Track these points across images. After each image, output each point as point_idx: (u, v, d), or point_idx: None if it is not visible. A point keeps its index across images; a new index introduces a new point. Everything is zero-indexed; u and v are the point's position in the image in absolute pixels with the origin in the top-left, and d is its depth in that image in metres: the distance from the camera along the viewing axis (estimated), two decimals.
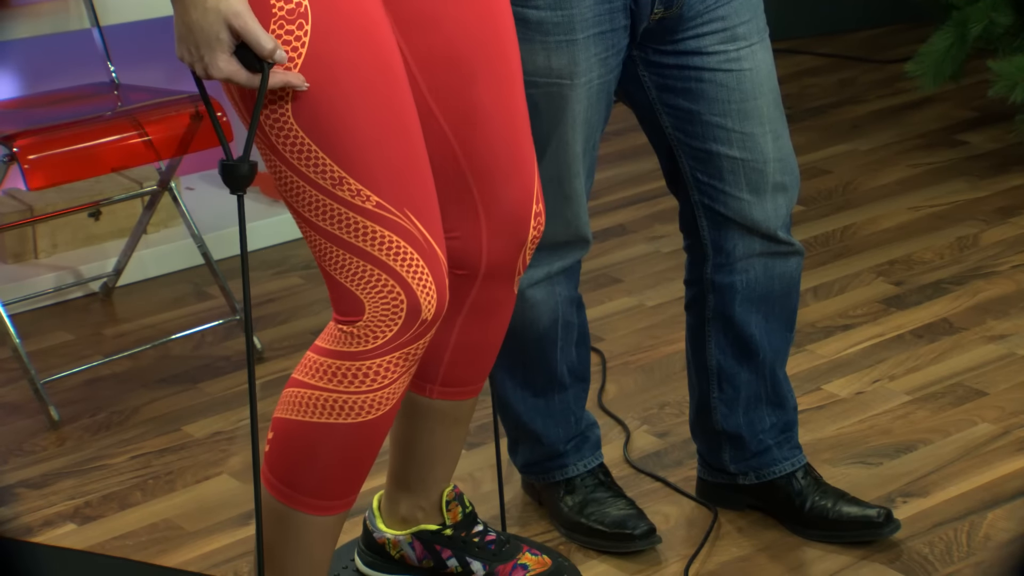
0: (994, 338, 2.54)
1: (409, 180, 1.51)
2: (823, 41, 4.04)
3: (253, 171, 1.47)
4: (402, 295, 1.51)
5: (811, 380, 2.43)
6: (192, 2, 1.42)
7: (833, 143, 3.42)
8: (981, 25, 3.15)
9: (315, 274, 2.87)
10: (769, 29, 1.87)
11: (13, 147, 2.33)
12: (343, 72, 1.46)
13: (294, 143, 1.48)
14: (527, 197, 1.65)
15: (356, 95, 1.47)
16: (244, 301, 1.52)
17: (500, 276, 1.67)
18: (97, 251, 2.87)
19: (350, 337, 1.53)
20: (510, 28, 1.61)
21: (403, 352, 1.54)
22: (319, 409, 1.55)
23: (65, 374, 2.50)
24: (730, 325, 1.96)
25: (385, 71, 1.49)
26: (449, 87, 1.58)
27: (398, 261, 1.50)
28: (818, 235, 2.96)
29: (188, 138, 2.45)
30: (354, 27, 1.47)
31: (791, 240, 1.94)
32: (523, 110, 1.63)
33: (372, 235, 1.50)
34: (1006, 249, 2.87)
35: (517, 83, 1.62)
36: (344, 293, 1.53)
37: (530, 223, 1.66)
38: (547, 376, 2.00)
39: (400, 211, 1.50)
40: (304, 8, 1.45)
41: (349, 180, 1.48)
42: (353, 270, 1.51)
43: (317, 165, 1.48)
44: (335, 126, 1.47)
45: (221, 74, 1.44)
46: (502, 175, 1.62)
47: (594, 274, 2.81)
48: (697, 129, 1.85)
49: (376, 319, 1.52)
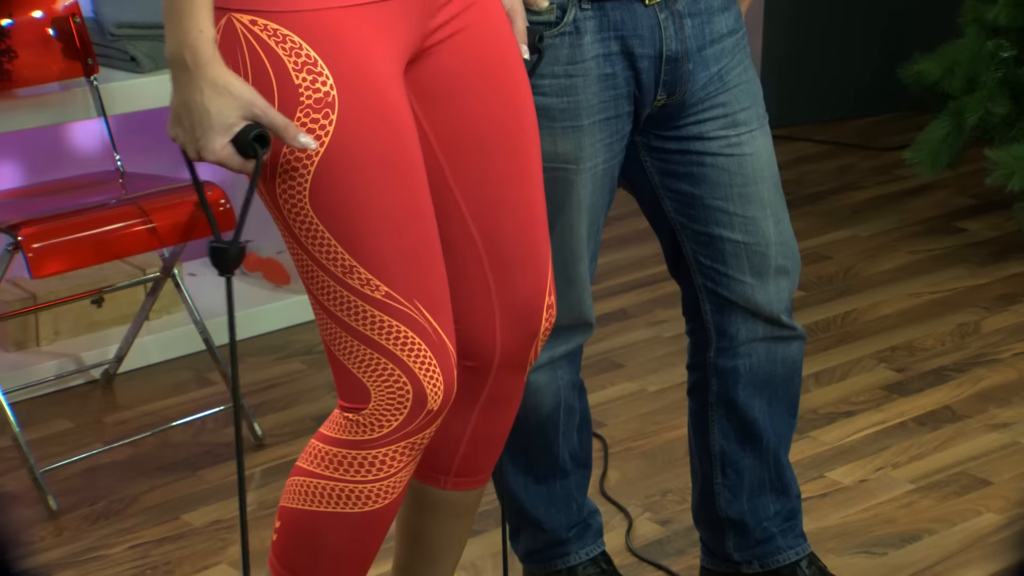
0: (997, 427, 2.53)
1: (421, 271, 1.51)
2: (821, 128, 4.08)
3: (242, 254, 1.46)
4: (408, 385, 1.51)
5: (814, 467, 2.42)
6: (196, 84, 1.40)
7: (833, 229, 3.44)
8: (977, 115, 3.19)
9: (317, 359, 2.87)
10: (768, 116, 1.89)
11: (18, 236, 2.34)
12: (363, 161, 1.47)
13: (309, 228, 1.48)
14: (541, 288, 1.64)
15: (373, 185, 1.47)
16: (232, 388, 1.52)
17: (512, 366, 1.67)
18: (99, 338, 2.87)
19: (355, 425, 1.53)
20: (531, 116, 1.61)
21: (408, 442, 1.53)
22: (325, 498, 1.54)
23: (64, 463, 2.48)
24: (733, 410, 1.96)
25: (404, 162, 1.49)
26: (470, 170, 1.58)
27: (405, 351, 1.50)
28: (819, 320, 2.96)
29: (192, 225, 2.46)
30: (377, 117, 1.47)
31: (793, 324, 1.94)
32: (540, 199, 1.63)
33: (380, 324, 1.50)
34: (1007, 337, 2.87)
35: (536, 172, 1.62)
36: (351, 379, 1.52)
37: (543, 315, 1.66)
38: (549, 462, 1.99)
39: (410, 302, 1.50)
40: (332, 98, 1.45)
41: (360, 269, 1.48)
42: (361, 357, 1.51)
43: (329, 252, 1.48)
44: (349, 215, 1.47)
45: (215, 157, 1.43)
46: (518, 264, 1.62)
47: (595, 359, 2.80)
48: (699, 213, 1.87)
49: (382, 408, 1.51)
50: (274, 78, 1.44)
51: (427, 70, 1.55)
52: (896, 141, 3.88)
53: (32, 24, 2.63)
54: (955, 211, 3.52)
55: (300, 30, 1.44)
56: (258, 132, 1.43)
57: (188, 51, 1.40)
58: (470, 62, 1.56)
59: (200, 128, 1.42)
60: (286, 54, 1.44)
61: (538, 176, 1.63)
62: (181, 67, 1.41)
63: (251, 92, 1.42)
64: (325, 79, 1.44)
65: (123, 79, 2.69)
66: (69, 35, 2.63)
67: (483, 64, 1.57)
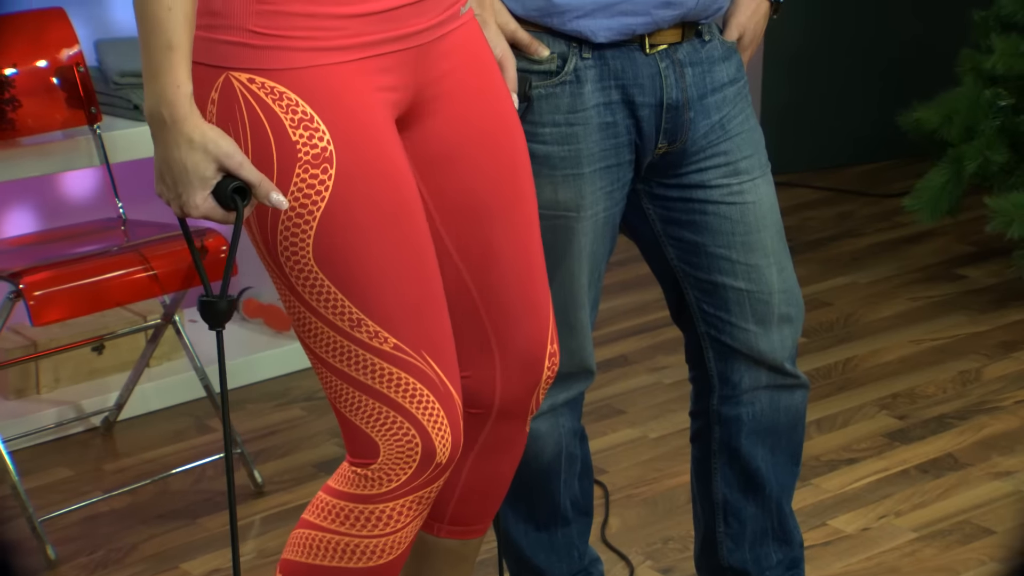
0: (1000, 475, 2.52)
1: (426, 322, 1.51)
2: (821, 175, 4.09)
3: (231, 308, 1.47)
4: (417, 438, 1.50)
5: (816, 515, 2.41)
6: (175, 140, 1.42)
7: (833, 276, 3.44)
8: (976, 163, 3.20)
9: (317, 405, 2.86)
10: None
11: (19, 284, 2.34)
12: (364, 215, 1.47)
13: (313, 284, 1.48)
14: (542, 337, 1.65)
15: (376, 238, 1.48)
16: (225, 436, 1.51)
17: (513, 415, 1.67)
18: (99, 385, 2.87)
19: (364, 480, 1.52)
20: (527, 170, 1.62)
21: (417, 496, 1.53)
22: (331, 552, 1.53)
23: (63, 511, 2.47)
24: (736, 458, 1.95)
25: (405, 213, 1.50)
26: (465, 228, 1.59)
27: (414, 403, 1.50)
28: (820, 367, 2.96)
29: (193, 272, 2.46)
30: (376, 170, 1.48)
31: (797, 373, 1.94)
32: (539, 251, 1.64)
33: (389, 377, 1.49)
34: (1009, 384, 2.87)
35: (533, 224, 1.63)
36: (358, 434, 1.52)
37: (544, 363, 1.66)
38: (550, 510, 1.98)
39: (417, 353, 1.50)
40: (329, 152, 1.46)
41: (367, 322, 1.48)
42: (369, 411, 1.51)
43: (336, 306, 1.48)
44: (354, 268, 1.47)
45: (198, 212, 1.44)
46: (516, 315, 1.62)
47: (596, 405, 2.80)
48: (702, 261, 1.87)
49: (391, 462, 1.51)
50: (272, 135, 1.45)
51: (421, 136, 1.56)
52: (896, 188, 3.89)
53: (36, 73, 2.64)
54: (955, 258, 3.52)
55: (296, 87, 1.45)
56: (237, 184, 1.44)
57: (166, 107, 1.41)
58: (463, 122, 1.57)
59: (181, 184, 1.43)
60: (283, 111, 1.45)
61: (535, 225, 1.63)
62: (160, 124, 1.42)
63: (228, 145, 1.43)
64: (322, 135, 1.45)
65: (126, 127, 2.71)
66: (73, 84, 2.64)
67: (477, 122, 1.58)
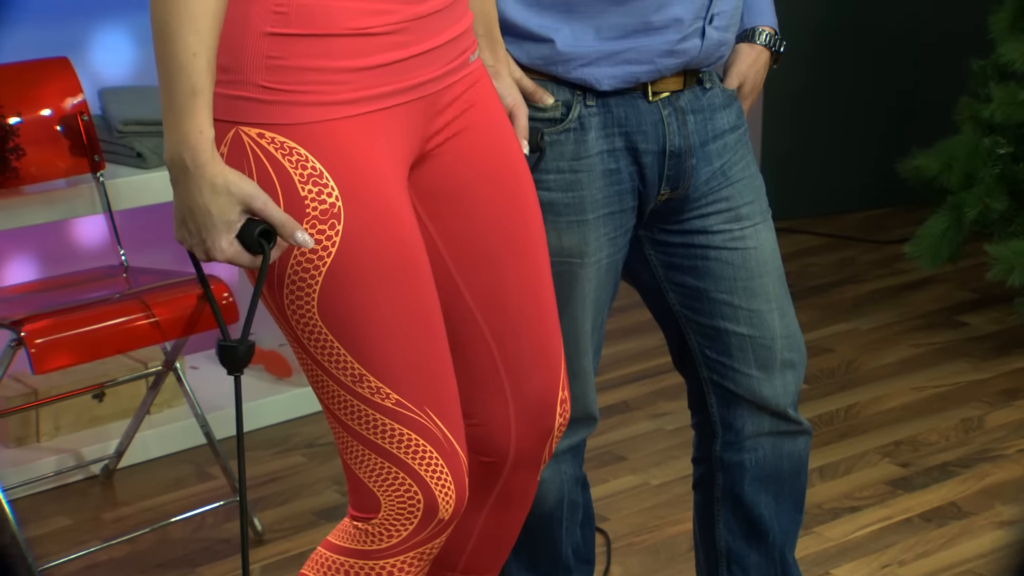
0: (1004, 524, 2.51)
1: (430, 377, 1.50)
2: (821, 221, 4.10)
3: (250, 352, 1.47)
4: (419, 494, 1.50)
5: (819, 564, 2.39)
6: (197, 186, 1.42)
7: (834, 322, 3.44)
8: (976, 210, 3.21)
9: (318, 452, 2.85)
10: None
11: (20, 332, 2.34)
12: (369, 271, 1.47)
13: (317, 338, 1.48)
14: (554, 384, 1.64)
15: (381, 295, 1.48)
16: (239, 486, 1.50)
17: (526, 465, 1.66)
18: (100, 432, 2.86)
19: (364, 535, 1.51)
20: (537, 216, 1.63)
21: (418, 552, 1.52)
22: None
23: (62, 561, 2.45)
24: (739, 505, 1.94)
25: (411, 270, 1.50)
26: (477, 272, 1.59)
27: (416, 459, 1.50)
28: (822, 414, 2.95)
29: (194, 318, 2.46)
30: (383, 226, 1.48)
31: (800, 419, 1.93)
32: (550, 296, 1.64)
33: (391, 433, 1.49)
34: (1011, 432, 2.86)
35: (544, 270, 1.63)
36: (361, 488, 1.51)
37: (556, 411, 1.65)
38: (552, 558, 1.97)
39: (420, 409, 1.49)
40: (338, 209, 1.46)
41: (369, 377, 1.48)
42: (371, 466, 1.50)
43: (338, 360, 1.48)
44: (358, 324, 1.47)
45: (223, 256, 1.44)
46: (529, 362, 1.62)
47: (597, 451, 2.79)
48: (704, 306, 1.87)
49: (392, 517, 1.50)
50: (280, 190, 1.45)
51: (431, 173, 1.57)
52: (896, 235, 3.90)
53: (40, 122, 2.66)
54: (956, 305, 3.52)
55: (306, 142, 1.45)
56: (263, 228, 1.44)
57: (188, 152, 1.41)
58: (473, 163, 1.58)
59: (205, 229, 1.43)
60: (292, 166, 1.45)
61: (546, 271, 1.63)
62: (181, 169, 1.42)
63: (251, 187, 1.43)
64: (331, 190, 1.45)
65: (129, 175, 2.71)
66: (77, 132, 2.65)
67: (486, 164, 1.59)
